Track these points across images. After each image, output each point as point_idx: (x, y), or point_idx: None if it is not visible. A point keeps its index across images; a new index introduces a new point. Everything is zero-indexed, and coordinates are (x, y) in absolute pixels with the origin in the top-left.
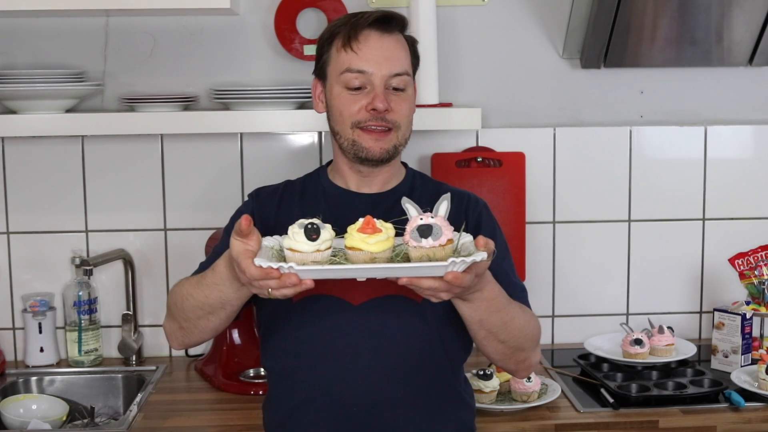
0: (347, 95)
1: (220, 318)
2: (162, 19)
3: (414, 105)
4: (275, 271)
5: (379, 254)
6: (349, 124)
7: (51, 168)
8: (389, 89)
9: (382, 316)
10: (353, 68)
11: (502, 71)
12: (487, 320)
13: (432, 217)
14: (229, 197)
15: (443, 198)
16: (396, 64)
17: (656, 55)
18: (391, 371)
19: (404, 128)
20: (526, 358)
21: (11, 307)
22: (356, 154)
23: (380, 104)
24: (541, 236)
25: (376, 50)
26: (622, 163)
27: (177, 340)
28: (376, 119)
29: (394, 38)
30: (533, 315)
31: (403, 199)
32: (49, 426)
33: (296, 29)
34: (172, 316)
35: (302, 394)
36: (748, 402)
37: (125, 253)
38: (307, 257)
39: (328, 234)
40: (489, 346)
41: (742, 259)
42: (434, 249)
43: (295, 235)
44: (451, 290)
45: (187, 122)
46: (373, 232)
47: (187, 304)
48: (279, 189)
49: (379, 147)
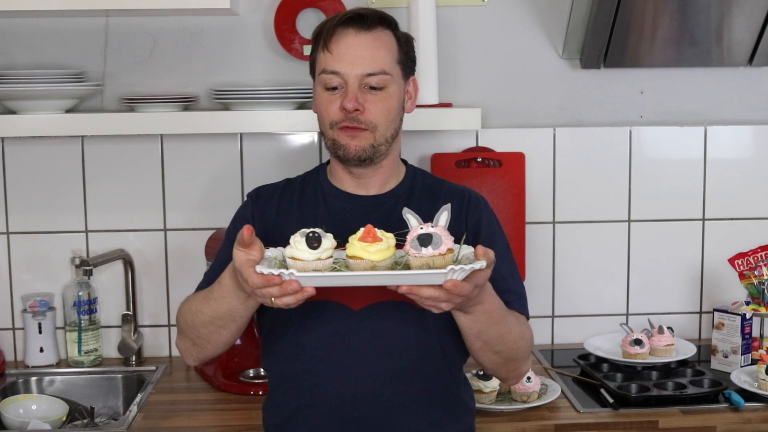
0: (326, 96)
1: (231, 331)
2: (162, 19)
3: (396, 104)
4: (276, 277)
5: (380, 263)
6: (328, 124)
7: (51, 168)
8: (365, 88)
9: (383, 322)
10: (328, 69)
11: (502, 71)
12: (484, 332)
13: (432, 227)
14: (229, 197)
15: (444, 209)
16: (370, 63)
17: (656, 55)
18: (392, 376)
19: (382, 128)
20: (517, 367)
21: (11, 307)
22: (336, 153)
23: (349, 104)
24: (541, 236)
25: (349, 49)
26: (622, 163)
27: (191, 356)
28: (349, 119)
29: (372, 36)
30: (528, 325)
31: (404, 210)
32: (49, 426)
33: (296, 29)
34: (183, 334)
35: (303, 398)
36: (748, 402)
37: (125, 254)
38: (309, 266)
39: (329, 243)
40: (483, 357)
41: (742, 260)
42: (434, 258)
43: (296, 244)
44: (452, 300)
45: (186, 122)
46: (373, 240)
47: (197, 320)
48: (279, 188)
49: (354, 145)
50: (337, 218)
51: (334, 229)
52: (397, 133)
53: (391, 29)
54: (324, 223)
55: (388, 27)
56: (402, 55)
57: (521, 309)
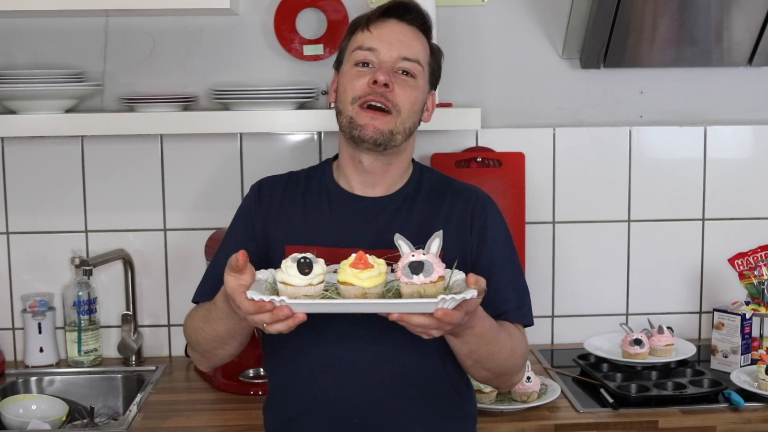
0: (355, 71)
1: (233, 346)
2: (162, 19)
3: (420, 98)
4: (268, 304)
5: (371, 290)
6: (350, 100)
7: (51, 168)
8: (398, 73)
9: (383, 327)
10: (364, 46)
11: (502, 71)
12: (475, 352)
13: (424, 254)
14: (229, 197)
15: (435, 235)
16: (408, 48)
17: (656, 55)
18: (391, 382)
19: (405, 115)
20: (509, 380)
21: (11, 307)
22: (351, 133)
23: (382, 77)
24: (541, 236)
25: (389, 32)
26: (621, 163)
27: (203, 365)
28: (375, 93)
29: (413, 30)
30: (522, 338)
31: (395, 236)
32: (48, 426)
33: (296, 29)
34: (192, 347)
35: (303, 402)
36: (748, 402)
37: (125, 254)
38: (299, 291)
39: (320, 268)
40: (474, 372)
41: (741, 260)
42: (425, 286)
43: (287, 269)
44: (442, 327)
45: (186, 122)
46: (365, 267)
47: (200, 337)
48: (282, 182)
49: (373, 126)
50: (341, 220)
51: (337, 232)
52: (414, 129)
53: (428, 37)
54: (327, 225)
55: (426, 33)
56: (433, 62)
57: (520, 319)
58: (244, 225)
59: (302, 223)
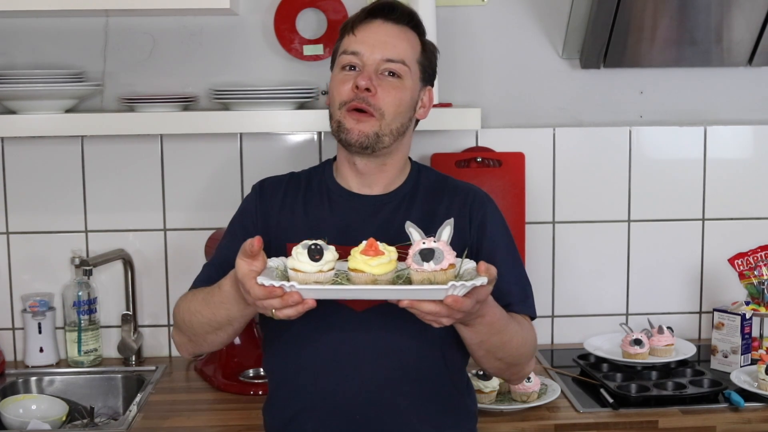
0: (341, 75)
1: (228, 333)
2: (162, 19)
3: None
4: (278, 289)
5: (381, 276)
6: (338, 104)
7: (51, 168)
8: (382, 74)
9: (385, 323)
10: (348, 50)
11: (502, 71)
12: (486, 342)
13: (435, 242)
14: (229, 197)
15: (446, 223)
16: (391, 49)
17: (656, 55)
18: (393, 379)
19: (389, 117)
20: (520, 370)
21: (11, 307)
22: (339, 136)
23: (362, 81)
24: (541, 236)
25: (373, 34)
26: (621, 163)
27: (187, 350)
28: (358, 99)
29: (399, 28)
30: (531, 328)
31: (406, 224)
32: (48, 426)
33: (296, 29)
34: (180, 329)
35: (304, 400)
36: (748, 402)
37: (125, 254)
38: (310, 277)
39: (331, 255)
40: (486, 363)
41: (741, 260)
42: (436, 273)
43: (298, 255)
44: (452, 315)
45: (186, 122)
46: (375, 254)
47: (195, 320)
48: (283, 182)
49: (357, 129)
50: (341, 218)
51: (337, 230)
52: (404, 129)
53: (418, 33)
54: (328, 224)
55: (415, 29)
56: (424, 59)
57: (525, 310)
58: (244, 222)
59: (303, 221)
